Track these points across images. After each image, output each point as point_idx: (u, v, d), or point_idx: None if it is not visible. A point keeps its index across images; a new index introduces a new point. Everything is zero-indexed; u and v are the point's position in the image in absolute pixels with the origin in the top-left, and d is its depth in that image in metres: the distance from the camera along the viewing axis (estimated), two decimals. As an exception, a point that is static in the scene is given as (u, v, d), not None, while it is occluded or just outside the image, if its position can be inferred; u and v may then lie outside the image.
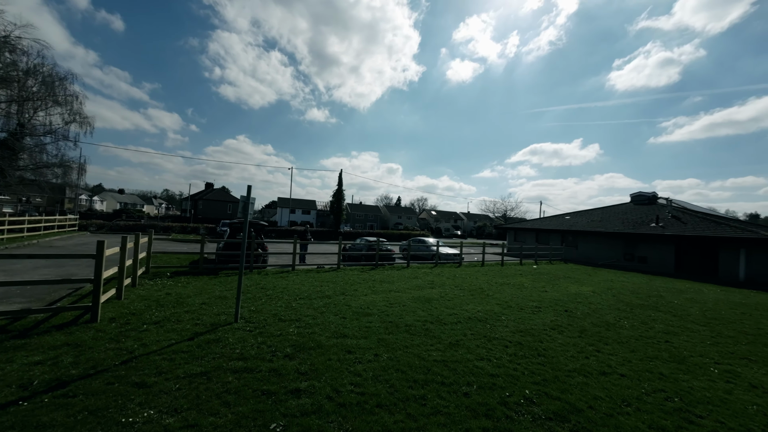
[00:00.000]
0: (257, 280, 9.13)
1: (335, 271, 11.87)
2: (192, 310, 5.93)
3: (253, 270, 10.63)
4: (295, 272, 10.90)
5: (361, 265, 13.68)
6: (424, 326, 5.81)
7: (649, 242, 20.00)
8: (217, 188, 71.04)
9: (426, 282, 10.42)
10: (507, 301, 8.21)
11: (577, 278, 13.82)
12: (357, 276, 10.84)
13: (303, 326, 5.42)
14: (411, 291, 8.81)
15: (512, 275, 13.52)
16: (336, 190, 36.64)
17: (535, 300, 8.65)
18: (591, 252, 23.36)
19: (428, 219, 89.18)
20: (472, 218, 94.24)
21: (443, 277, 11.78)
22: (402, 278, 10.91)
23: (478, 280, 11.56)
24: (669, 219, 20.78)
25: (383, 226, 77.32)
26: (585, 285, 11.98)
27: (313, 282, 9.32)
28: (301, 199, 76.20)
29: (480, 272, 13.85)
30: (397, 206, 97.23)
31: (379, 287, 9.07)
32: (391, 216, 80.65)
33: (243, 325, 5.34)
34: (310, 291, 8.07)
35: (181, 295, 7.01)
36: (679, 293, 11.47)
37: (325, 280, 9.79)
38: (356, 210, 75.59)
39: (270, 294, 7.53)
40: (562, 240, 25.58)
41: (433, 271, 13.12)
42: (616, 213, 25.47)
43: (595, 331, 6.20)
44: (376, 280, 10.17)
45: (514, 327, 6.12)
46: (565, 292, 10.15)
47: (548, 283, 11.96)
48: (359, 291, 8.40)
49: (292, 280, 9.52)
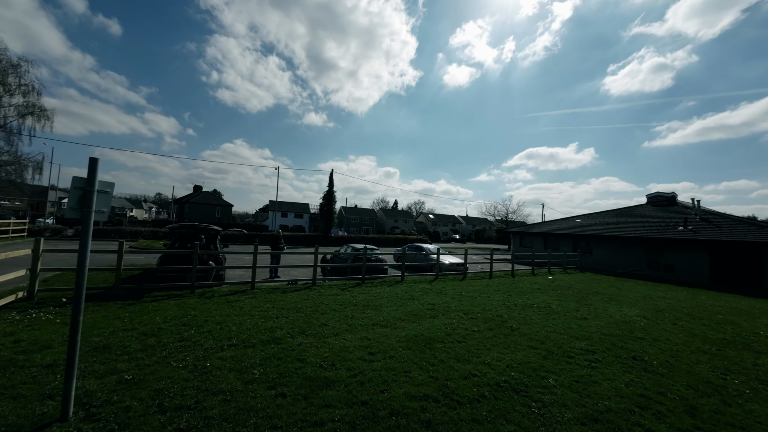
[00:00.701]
0: (189, 308, 6.52)
1: (308, 289, 9.27)
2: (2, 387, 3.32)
3: (195, 291, 8.01)
4: (251, 294, 8.29)
5: (346, 279, 11.09)
6: (423, 413, 3.25)
7: (677, 248, 17.61)
8: (206, 191, 68.25)
9: (425, 306, 7.86)
10: (542, 341, 5.67)
11: (607, 293, 11.33)
12: (334, 298, 8.25)
13: (195, 425, 2.85)
14: (404, 324, 6.24)
15: (530, 291, 11.00)
16: (326, 192, 34.06)
17: (579, 335, 6.12)
18: (607, 258, 20.95)
19: (426, 223, 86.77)
20: (471, 222, 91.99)
21: (446, 296, 9.22)
22: (393, 299, 8.35)
23: (491, 300, 9.02)
24: (698, 222, 18.43)
25: (379, 230, 74.77)
26: (625, 305, 9.48)
27: (269, 310, 6.73)
28: (293, 203, 73.61)
29: (490, 287, 11.31)
30: (393, 210, 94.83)
31: (360, 318, 6.49)
32: (388, 220, 78.18)
33: (74, 426, 2.76)
34: (255, 328, 5.48)
35: (25, 345, 4.38)
36: (749, 316, 8.99)
37: (288, 305, 7.20)
38: (351, 213, 73.04)
39: (189, 336, 4.94)
40: (574, 245, 23.16)
41: (433, 287, 10.56)
42: (633, 215, 23.13)
43: (709, 410, 3.67)
44: (359, 305, 7.59)
45: (577, 407, 3.57)
46: (608, 318, 7.64)
47: (578, 302, 9.46)
48: (329, 326, 5.82)
49: (241, 306, 6.91)
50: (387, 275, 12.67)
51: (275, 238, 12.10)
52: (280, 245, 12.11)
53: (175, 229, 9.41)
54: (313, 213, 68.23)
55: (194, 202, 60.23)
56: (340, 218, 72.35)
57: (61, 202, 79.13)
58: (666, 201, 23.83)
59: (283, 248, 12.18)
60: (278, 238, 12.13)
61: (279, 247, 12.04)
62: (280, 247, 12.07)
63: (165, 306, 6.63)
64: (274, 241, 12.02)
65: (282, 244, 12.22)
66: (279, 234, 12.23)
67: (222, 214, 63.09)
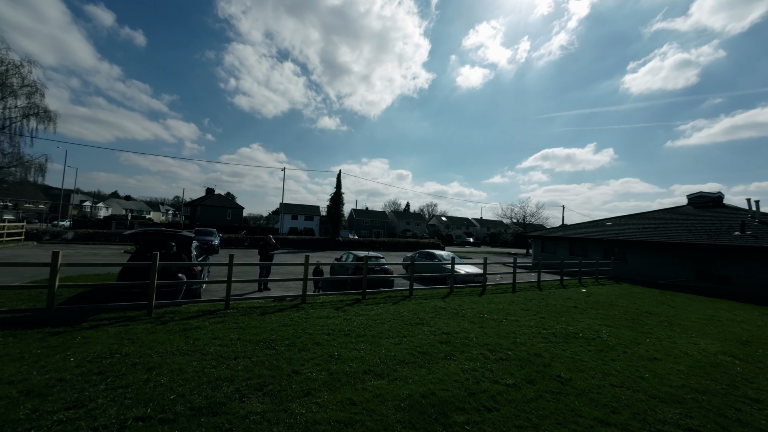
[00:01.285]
0: (128, 341, 4.99)
1: (295, 308, 7.64)
2: None
3: (152, 313, 6.50)
4: (221, 316, 6.72)
5: (344, 294, 9.43)
6: None
7: (734, 257, 15.11)
8: (218, 194, 68.32)
9: (437, 335, 6.09)
10: (612, 406, 3.82)
11: (662, 314, 9.22)
12: (323, 322, 6.58)
13: None
14: (408, 371, 4.50)
15: (565, 310, 9.03)
16: (333, 194, 32.59)
17: (661, 393, 4.22)
18: (645, 267, 18.52)
19: (438, 225, 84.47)
20: (485, 224, 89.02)
21: (464, 320, 7.40)
22: (397, 325, 6.61)
23: (522, 326, 7.14)
24: (757, 226, 15.86)
25: (390, 233, 73.06)
26: (694, 333, 7.41)
27: (231, 344, 5.12)
28: (304, 205, 72.82)
29: (516, 305, 9.40)
30: (405, 212, 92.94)
31: (348, 358, 4.79)
32: (399, 222, 76.34)
33: None
34: (195, 380, 3.87)
35: None
36: None
37: (259, 335, 5.58)
38: (362, 216, 71.65)
39: (89, 397, 3.36)
40: (605, 251, 20.76)
41: (447, 306, 8.76)
42: (674, 218, 20.55)
43: None
44: (352, 333, 5.90)
45: None
46: (685, 358, 5.66)
47: (633, 328, 7.45)
48: (302, 375, 4.15)
49: (197, 338, 5.33)
50: (393, 288, 10.94)
51: (264, 245, 10.57)
52: (270, 253, 10.57)
53: (138, 235, 7.99)
54: (323, 215, 67.19)
55: (206, 205, 60.22)
56: (350, 221, 71.03)
57: (82, 204, 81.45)
58: (711, 202, 21.13)
59: (272, 257, 10.64)
60: (268, 245, 10.60)
61: (269, 256, 10.51)
62: (270, 255, 10.54)
63: (98, 337, 5.13)
64: (264, 250, 10.49)
65: (272, 252, 10.69)
66: (269, 240, 10.69)
67: (233, 216, 62.87)
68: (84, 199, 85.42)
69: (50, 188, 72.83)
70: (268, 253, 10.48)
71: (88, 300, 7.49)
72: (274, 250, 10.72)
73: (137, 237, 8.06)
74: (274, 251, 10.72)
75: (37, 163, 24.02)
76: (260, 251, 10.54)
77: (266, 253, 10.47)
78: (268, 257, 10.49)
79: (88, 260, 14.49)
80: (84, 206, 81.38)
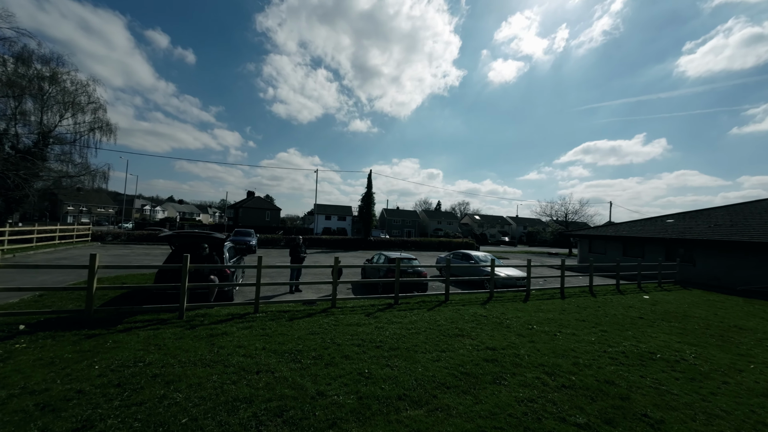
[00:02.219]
0: (155, 347, 4.82)
1: (324, 313, 7.24)
2: None
3: (183, 315, 6.41)
4: (249, 320, 6.47)
5: (375, 298, 8.89)
6: None
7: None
8: (258, 196, 71.42)
9: (481, 351, 5.32)
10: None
11: (760, 329, 7.58)
12: (353, 330, 6.08)
13: None
14: (451, 399, 3.81)
15: (629, 321, 7.76)
16: (365, 194, 32.36)
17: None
18: (719, 270, 16.00)
19: (471, 224, 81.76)
20: (521, 223, 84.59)
21: (510, 332, 6.52)
22: (434, 336, 5.93)
23: (580, 340, 6.12)
24: None
25: (421, 233, 71.92)
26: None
27: (256, 353, 4.77)
28: (336, 205, 73.92)
29: (568, 313, 8.28)
30: (436, 211, 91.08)
31: (380, 378, 4.21)
32: (430, 221, 74.90)
33: None
34: (212, 398, 3.51)
35: None
36: None
37: (286, 344, 5.19)
38: (393, 215, 71.22)
39: (99, 416, 3.11)
40: (668, 253, 18.32)
41: (489, 314, 7.89)
42: (756, 213, 17.61)
43: None
44: (384, 345, 5.32)
45: None
46: (811, 394, 4.38)
47: (724, 348, 6.10)
48: (327, 398, 3.63)
49: (222, 345, 5.05)
50: (428, 293, 10.24)
51: (296, 245, 10.36)
52: (301, 253, 10.34)
53: (172, 238, 8.07)
54: (355, 216, 67.70)
55: (246, 207, 63.22)
56: (381, 220, 70.87)
57: (143, 208, 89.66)
58: (806, 194, 17.81)
59: (303, 258, 10.40)
60: (299, 246, 10.37)
61: (300, 258, 10.28)
62: (300, 257, 10.30)
63: (128, 341, 5.04)
64: (294, 251, 10.28)
65: (303, 253, 10.44)
66: (298, 241, 10.45)
67: (271, 217, 65.49)
68: (145, 203, 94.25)
69: (118, 194, 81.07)
70: (298, 255, 10.26)
71: (129, 301, 7.65)
72: (303, 251, 10.48)
73: (171, 239, 8.15)
74: (304, 253, 10.48)
75: (101, 172, 26.38)
76: (291, 252, 10.35)
77: (297, 255, 10.25)
78: (299, 259, 10.27)
79: (138, 261, 15.36)
80: (144, 210, 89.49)
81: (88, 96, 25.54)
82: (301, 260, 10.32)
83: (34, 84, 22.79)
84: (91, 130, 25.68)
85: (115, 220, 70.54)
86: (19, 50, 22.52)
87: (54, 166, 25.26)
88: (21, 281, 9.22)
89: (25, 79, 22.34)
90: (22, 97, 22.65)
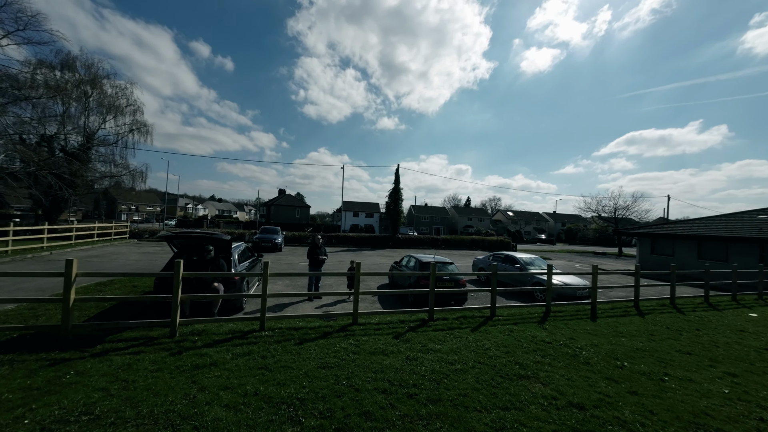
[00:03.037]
0: (121, 384, 3.69)
1: (343, 333, 5.86)
2: None
3: (176, 334, 5.32)
4: (249, 343, 5.23)
5: (405, 312, 7.37)
6: None
7: None
8: (288, 194, 72.52)
9: (562, 411, 3.63)
10: None
11: None
12: (377, 364, 4.62)
13: None
14: None
15: (758, 357, 5.60)
16: (392, 190, 30.83)
17: None
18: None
19: (504, 221, 77.57)
20: (559, 219, 78.84)
21: (593, 371, 4.72)
22: (488, 377, 4.33)
23: (703, 392, 4.19)
24: None
25: (451, 230, 69.22)
26: None
27: (239, 409, 3.45)
28: (364, 202, 73.24)
29: (661, 340, 6.24)
30: (466, 207, 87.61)
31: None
32: (460, 218, 71.91)
33: None
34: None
35: None
36: None
37: (285, 391, 3.83)
38: (421, 212, 69.14)
39: None
40: (761, 255, 15.01)
41: (552, 338, 6.09)
42: None
43: None
44: (421, 394, 3.80)
45: None
46: None
47: None
48: None
49: (204, 386, 3.81)
50: (468, 306, 8.57)
51: (314, 246, 9.11)
52: (320, 254, 9.08)
53: (172, 239, 7.08)
54: (383, 213, 66.54)
55: (278, 204, 64.28)
56: (409, 217, 69.02)
57: (186, 207, 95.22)
58: None
59: (323, 260, 9.14)
60: (318, 247, 9.11)
61: (319, 261, 9.02)
62: (320, 259, 9.04)
63: (95, 373, 3.96)
64: (312, 251, 9.04)
65: (323, 255, 9.18)
66: (316, 241, 9.19)
67: (301, 214, 66.18)
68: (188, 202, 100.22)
69: (165, 193, 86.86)
70: (317, 257, 8.99)
71: (124, 313, 6.78)
72: (323, 253, 9.20)
73: (171, 240, 7.18)
74: (324, 254, 9.21)
75: (140, 172, 27.24)
76: (308, 254, 9.12)
77: (315, 257, 8.99)
78: (317, 262, 9.01)
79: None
80: (187, 208, 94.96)
81: (126, 99, 26.33)
82: (320, 263, 9.07)
83: (79, 88, 23.78)
84: (131, 131, 26.48)
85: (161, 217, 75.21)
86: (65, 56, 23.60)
87: (98, 167, 26.46)
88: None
89: (70, 84, 23.37)
90: (69, 101, 23.75)
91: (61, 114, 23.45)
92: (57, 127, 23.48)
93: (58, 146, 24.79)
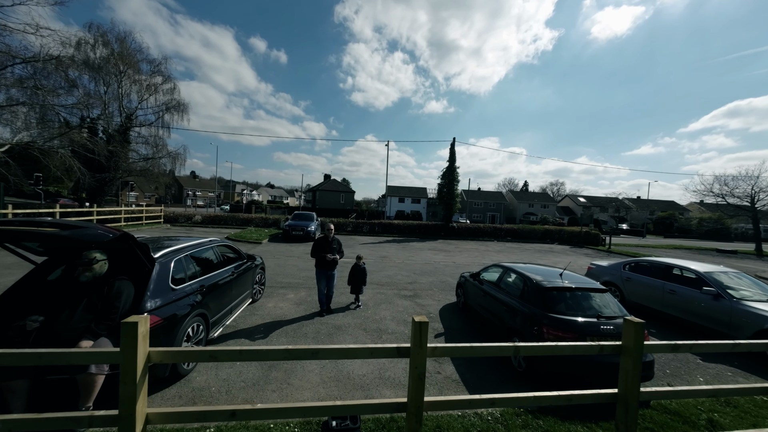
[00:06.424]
0: None
1: None
2: None
3: None
4: None
5: (528, 397, 3.26)
6: None
7: None
8: (333, 179, 71.29)
9: None
10: None
11: None
12: None
13: None
14: None
15: None
16: (446, 169, 25.97)
17: None
18: None
19: (573, 207, 67.45)
20: (648, 206, 66.07)
21: None
22: None
23: None
24: None
25: (508, 218, 61.90)
26: None
27: None
28: (410, 187, 68.79)
29: None
30: (525, 192, 78.25)
31: None
32: (519, 204, 63.88)
33: None
34: None
35: None
36: None
37: None
38: (473, 197, 62.70)
39: None
40: None
41: None
42: None
43: None
44: None
45: None
46: None
47: None
48: None
49: None
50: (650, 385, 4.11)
51: (324, 240, 5.45)
52: (327, 258, 5.37)
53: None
54: (430, 198, 61.64)
55: (323, 189, 63.16)
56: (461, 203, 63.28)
57: (242, 192, 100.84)
58: None
59: (335, 260, 5.40)
60: (330, 242, 5.42)
61: (327, 261, 5.31)
62: (330, 259, 5.32)
63: None
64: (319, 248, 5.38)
65: (335, 253, 5.47)
66: (327, 234, 5.57)
67: (346, 200, 64.41)
68: (244, 188, 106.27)
69: (229, 181, 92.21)
70: (324, 257, 5.31)
71: None
72: (334, 250, 5.50)
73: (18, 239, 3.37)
74: (338, 252, 5.54)
75: (178, 153, 26.35)
76: (313, 252, 5.50)
77: (322, 258, 5.32)
78: (326, 263, 5.33)
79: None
80: (243, 194, 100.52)
81: (162, 76, 25.14)
82: (329, 264, 5.36)
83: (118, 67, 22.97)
84: (168, 109, 25.30)
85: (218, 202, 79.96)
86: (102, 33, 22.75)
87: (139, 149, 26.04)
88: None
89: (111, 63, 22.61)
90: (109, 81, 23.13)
91: (103, 95, 22.91)
92: (101, 107, 23.05)
93: (101, 128, 24.66)
